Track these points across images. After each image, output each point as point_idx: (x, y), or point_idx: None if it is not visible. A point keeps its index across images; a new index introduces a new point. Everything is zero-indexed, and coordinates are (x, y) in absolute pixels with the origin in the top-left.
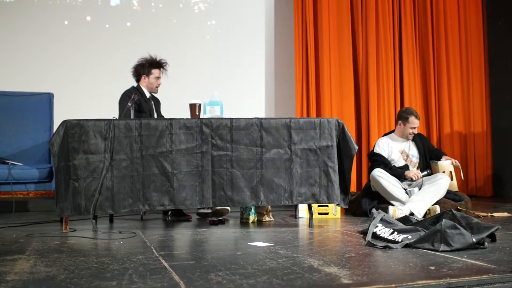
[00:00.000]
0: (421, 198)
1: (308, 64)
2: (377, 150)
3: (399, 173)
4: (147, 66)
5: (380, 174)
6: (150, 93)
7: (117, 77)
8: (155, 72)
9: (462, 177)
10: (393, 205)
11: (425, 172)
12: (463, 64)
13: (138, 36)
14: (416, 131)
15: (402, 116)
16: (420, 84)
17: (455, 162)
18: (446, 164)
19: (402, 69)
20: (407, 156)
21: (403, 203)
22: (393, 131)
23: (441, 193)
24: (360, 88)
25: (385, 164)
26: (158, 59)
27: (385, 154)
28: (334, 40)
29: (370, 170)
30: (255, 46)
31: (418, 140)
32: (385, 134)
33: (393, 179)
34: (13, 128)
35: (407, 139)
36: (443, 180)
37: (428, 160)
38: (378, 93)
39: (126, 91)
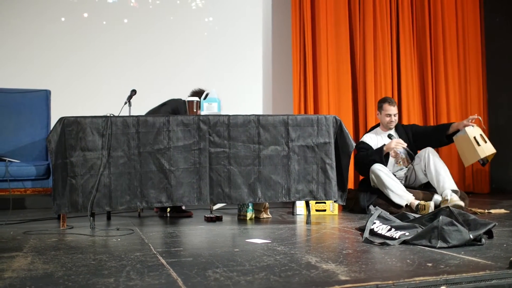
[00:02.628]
0: (442, 179)
1: (305, 61)
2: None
3: (379, 150)
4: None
5: (380, 168)
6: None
7: (114, 73)
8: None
9: (484, 127)
10: (391, 200)
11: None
12: (460, 62)
13: (135, 33)
14: (394, 119)
15: (378, 105)
16: (418, 81)
17: (474, 119)
18: (471, 131)
19: (399, 66)
20: (396, 153)
21: (402, 198)
22: (378, 125)
23: (439, 162)
24: (358, 85)
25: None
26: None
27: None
28: (331, 37)
29: (355, 157)
30: (253, 43)
31: (404, 132)
32: (370, 130)
33: (392, 175)
34: (10, 125)
35: (389, 128)
36: (428, 154)
37: (416, 149)
38: (376, 90)
39: (179, 100)
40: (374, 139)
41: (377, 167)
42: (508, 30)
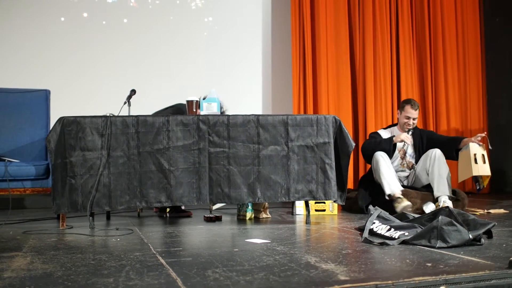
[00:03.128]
0: (438, 183)
1: (305, 61)
2: (373, 138)
3: (389, 139)
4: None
5: (383, 155)
6: None
7: (113, 73)
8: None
9: (490, 147)
10: (385, 192)
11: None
12: (460, 61)
13: (135, 33)
14: (412, 122)
15: (400, 104)
16: (417, 81)
17: (481, 137)
18: (473, 147)
19: (399, 66)
20: (404, 154)
21: (390, 187)
22: (395, 124)
23: (444, 166)
24: (357, 85)
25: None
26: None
27: None
28: (331, 37)
29: (364, 144)
30: (252, 43)
31: (418, 135)
32: (386, 128)
33: (393, 169)
34: (9, 125)
35: (404, 130)
36: (434, 154)
37: (420, 155)
38: (375, 90)
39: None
40: (387, 135)
41: (380, 154)
42: (507, 31)
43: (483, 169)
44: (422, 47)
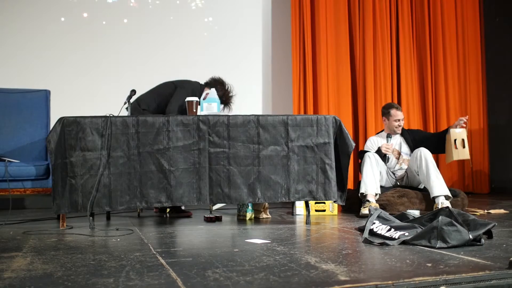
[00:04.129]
0: (433, 184)
1: (305, 61)
2: (366, 148)
3: (378, 151)
4: (220, 91)
5: (371, 156)
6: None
7: (113, 73)
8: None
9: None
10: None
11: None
12: (460, 62)
13: (135, 33)
14: (401, 123)
15: (384, 112)
16: (417, 81)
17: (463, 121)
18: (458, 132)
19: (399, 66)
20: (399, 154)
21: (365, 187)
22: (383, 130)
23: (432, 165)
24: (357, 85)
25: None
26: (231, 95)
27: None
28: (331, 37)
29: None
30: (252, 43)
31: (408, 136)
32: (377, 133)
33: (377, 171)
34: (9, 125)
35: (395, 133)
36: (420, 155)
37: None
38: (375, 90)
39: (197, 84)
40: (376, 144)
41: (369, 154)
42: (508, 30)
43: (462, 153)
44: (422, 48)
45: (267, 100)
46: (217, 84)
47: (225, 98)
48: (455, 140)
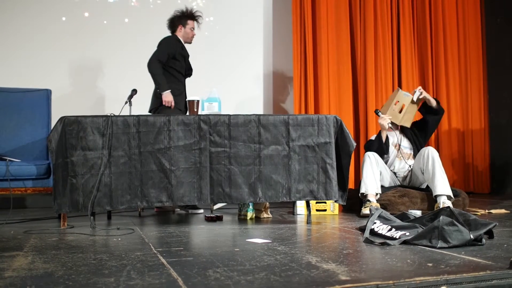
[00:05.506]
0: (437, 182)
1: (306, 61)
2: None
3: (378, 135)
4: (183, 18)
5: (370, 156)
6: (184, 43)
7: (114, 73)
8: (190, 23)
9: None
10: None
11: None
12: (461, 61)
13: (136, 32)
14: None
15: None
16: (418, 81)
17: (418, 93)
18: (405, 96)
19: (400, 66)
20: (399, 147)
21: (366, 187)
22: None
23: (438, 164)
24: (358, 84)
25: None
26: (193, 11)
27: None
28: (332, 37)
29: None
30: (253, 43)
31: (407, 129)
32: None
33: (377, 171)
34: (10, 124)
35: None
36: (428, 153)
37: (419, 145)
38: (376, 90)
39: (169, 37)
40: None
41: (368, 154)
42: (508, 30)
43: (395, 116)
44: (423, 47)
45: (268, 99)
46: (177, 17)
47: (191, 15)
48: (397, 101)
